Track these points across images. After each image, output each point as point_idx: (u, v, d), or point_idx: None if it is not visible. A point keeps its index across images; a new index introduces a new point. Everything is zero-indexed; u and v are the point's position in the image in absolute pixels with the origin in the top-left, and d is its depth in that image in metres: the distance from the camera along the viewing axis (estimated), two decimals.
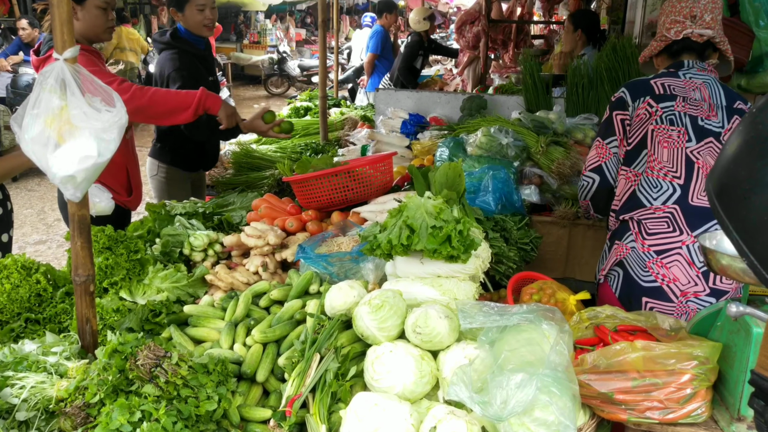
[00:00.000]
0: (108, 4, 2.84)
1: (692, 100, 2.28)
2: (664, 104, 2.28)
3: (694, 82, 2.30)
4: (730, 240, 0.81)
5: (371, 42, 8.04)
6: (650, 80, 2.34)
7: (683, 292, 2.18)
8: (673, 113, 2.27)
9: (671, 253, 2.20)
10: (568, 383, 1.44)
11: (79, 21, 2.79)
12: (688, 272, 2.18)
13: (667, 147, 2.24)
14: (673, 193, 2.22)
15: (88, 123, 1.40)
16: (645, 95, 2.31)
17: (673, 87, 2.31)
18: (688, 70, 2.32)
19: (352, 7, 24.54)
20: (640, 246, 2.25)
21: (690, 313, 2.19)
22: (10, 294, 1.96)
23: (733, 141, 0.87)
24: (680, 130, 2.24)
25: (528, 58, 4.32)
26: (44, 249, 6.11)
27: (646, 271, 2.23)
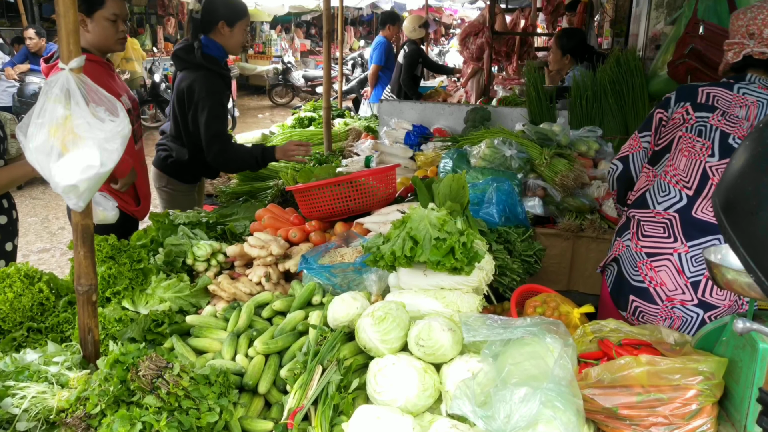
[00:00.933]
0: (117, 16, 2.85)
1: (732, 116, 2.22)
2: (700, 114, 2.25)
3: (746, 99, 2.22)
4: (737, 255, 0.81)
5: (375, 53, 8.08)
6: (699, 87, 2.30)
7: (669, 298, 2.22)
8: (704, 125, 2.24)
9: (661, 257, 2.24)
10: (572, 398, 1.43)
11: (90, 33, 2.82)
12: (676, 279, 2.21)
13: (687, 156, 2.24)
14: (678, 201, 2.23)
15: (91, 133, 1.40)
16: (687, 101, 2.30)
17: (717, 98, 2.26)
18: (747, 85, 2.24)
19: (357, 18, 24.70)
20: (633, 245, 2.31)
21: (675, 319, 2.22)
22: (12, 303, 1.96)
23: (740, 155, 0.86)
24: (705, 143, 2.22)
25: (531, 70, 4.33)
26: (48, 257, 6.12)
27: (636, 270, 2.28)
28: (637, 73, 3.94)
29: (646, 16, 5.10)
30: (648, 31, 5.05)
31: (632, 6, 6.07)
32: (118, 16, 2.86)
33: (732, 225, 0.83)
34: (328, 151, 4.68)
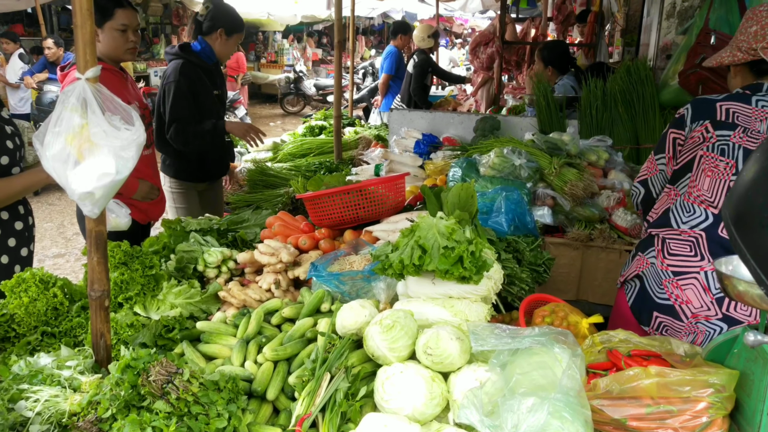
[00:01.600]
0: (127, 27, 2.90)
1: (754, 132, 2.17)
2: (721, 132, 2.19)
3: (765, 112, 2.17)
4: (748, 268, 0.81)
5: (385, 62, 8.12)
6: (717, 102, 2.24)
7: (694, 314, 2.20)
8: (727, 143, 2.19)
9: (688, 276, 2.21)
10: (581, 408, 1.42)
11: (100, 43, 2.87)
12: (702, 297, 2.20)
13: (710, 176, 2.20)
14: (704, 220, 2.21)
15: (107, 141, 1.43)
16: (705, 118, 2.24)
17: (737, 115, 2.20)
18: (764, 96, 2.19)
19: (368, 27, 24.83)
20: (659, 263, 2.27)
21: (699, 333, 2.21)
22: (27, 307, 1.99)
23: (750, 168, 0.86)
24: (729, 162, 2.17)
25: (541, 78, 4.33)
26: (63, 262, 6.18)
27: (662, 288, 2.26)
28: (647, 83, 3.93)
29: (657, 26, 5.10)
30: (659, 41, 5.05)
31: (643, 16, 6.07)
32: (127, 27, 2.90)
33: (742, 237, 0.83)
34: (338, 159, 4.70)
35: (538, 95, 4.29)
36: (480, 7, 13.11)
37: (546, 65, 5.05)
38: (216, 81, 3.71)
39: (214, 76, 3.70)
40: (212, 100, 3.63)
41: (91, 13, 1.50)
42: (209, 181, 3.91)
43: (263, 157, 4.96)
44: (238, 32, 3.68)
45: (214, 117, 3.65)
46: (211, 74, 3.67)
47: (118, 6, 2.87)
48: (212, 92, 3.64)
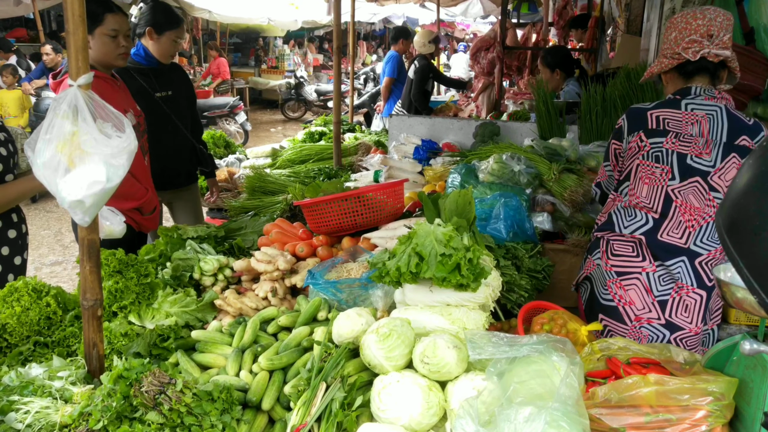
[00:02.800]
0: (117, 32, 2.87)
1: (686, 135, 2.23)
2: (654, 140, 2.27)
3: (695, 115, 2.23)
4: (741, 277, 0.79)
5: (387, 67, 8.13)
6: (648, 111, 2.30)
7: (637, 317, 2.28)
8: (660, 150, 2.26)
9: (630, 276, 2.30)
10: (578, 417, 1.40)
11: (92, 49, 2.84)
12: (645, 298, 2.28)
13: (648, 183, 2.29)
14: (645, 224, 2.29)
15: (98, 149, 1.42)
16: (639, 129, 2.31)
17: (668, 121, 2.26)
18: (693, 99, 2.25)
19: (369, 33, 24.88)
20: (604, 264, 2.38)
21: (642, 339, 2.27)
22: (20, 317, 1.97)
23: (743, 174, 0.85)
24: (664, 168, 2.25)
25: (541, 84, 4.32)
26: (60, 270, 6.17)
27: (606, 289, 2.36)
28: (647, 88, 3.91)
29: (656, 30, 5.09)
30: (659, 46, 5.04)
31: (643, 21, 6.06)
32: (118, 32, 2.88)
33: (735, 245, 0.82)
34: (338, 165, 4.69)
35: (537, 101, 4.28)
36: (481, 12, 13.11)
37: (552, 70, 5.04)
38: (163, 82, 3.64)
39: (160, 79, 3.64)
40: (154, 103, 3.56)
41: (83, 20, 1.49)
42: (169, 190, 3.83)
43: (262, 164, 4.95)
44: (171, 29, 3.52)
45: (160, 119, 3.60)
46: (156, 76, 3.61)
47: (108, 11, 2.84)
48: (153, 95, 3.57)
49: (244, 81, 17.01)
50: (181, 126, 3.74)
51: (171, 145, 3.70)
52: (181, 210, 3.96)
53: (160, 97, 3.61)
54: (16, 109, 8.55)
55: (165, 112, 3.63)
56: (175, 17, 3.56)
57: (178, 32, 3.60)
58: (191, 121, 3.94)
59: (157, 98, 3.59)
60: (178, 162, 3.81)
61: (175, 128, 3.70)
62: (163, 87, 3.64)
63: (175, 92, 3.71)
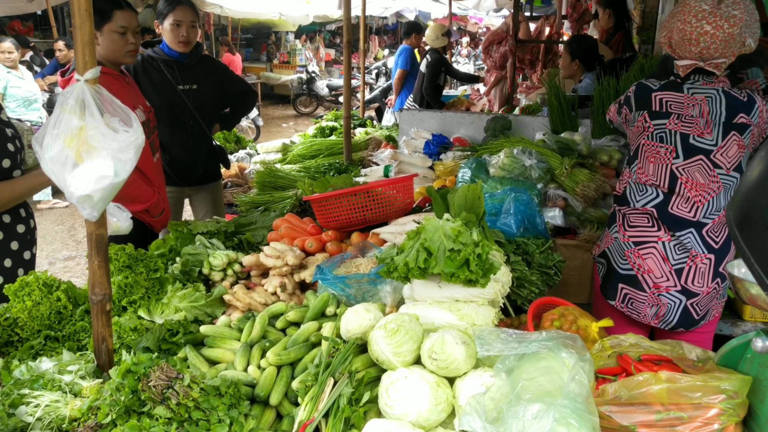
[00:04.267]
0: (126, 29, 2.85)
1: (687, 117, 2.35)
2: (657, 122, 2.40)
3: (696, 98, 2.35)
4: (751, 272, 0.77)
5: (400, 59, 8.10)
6: (653, 92, 2.43)
7: (656, 285, 2.40)
8: (663, 131, 2.38)
9: (647, 245, 2.41)
10: (588, 415, 1.39)
11: (100, 46, 2.84)
12: (662, 266, 2.39)
13: (653, 162, 2.40)
14: (655, 197, 2.40)
15: (105, 143, 1.42)
16: (644, 109, 2.45)
17: (671, 104, 2.38)
18: (692, 84, 2.38)
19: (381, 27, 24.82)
20: (621, 236, 2.48)
21: (661, 306, 2.41)
22: (31, 311, 1.98)
23: (754, 168, 0.83)
24: (668, 148, 2.37)
25: (553, 78, 4.28)
26: (73, 265, 6.22)
27: (624, 259, 2.46)
28: None
29: None
30: None
31: (659, 13, 5.98)
32: (127, 29, 2.85)
33: (746, 240, 0.80)
34: (348, 160, 4.68)
35: (549, 94, 4.24)
36: (494, 5, 13.03)
37: (573, 58, 4.97)
38: (188, 76, 3.64)
39: (186, 72, 3.64)
40: (176, 95, 3.58)
41: (90, 14, 1.49)
42: (192, 186, 3.86)
43: (272, 159, 4.96)
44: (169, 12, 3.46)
45: (181, 112, 3.61)
46: (181, 69, 3.61)
47: (117, 8, 2.83)
48: (175, 87, 3.57)
49: (255, 76, 17.03)
50: (202, 122, 3.72)
51: (190, 139, 3.70)
52: (200, 208, 3.97)
53: (183, 90, 3.61)
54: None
55: (187, 106, 3.63)
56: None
57: (176, 14, 3.52)
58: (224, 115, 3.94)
59: (179, 91, 3.59)
60: (197, 157, 3.81)
61: (195, 123, 3.70)
62: (187, 80, 3.63)
63: (202, 87, 3.70)
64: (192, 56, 3.65)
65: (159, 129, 3.45)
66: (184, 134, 3.66)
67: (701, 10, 2.23)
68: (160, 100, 3.49)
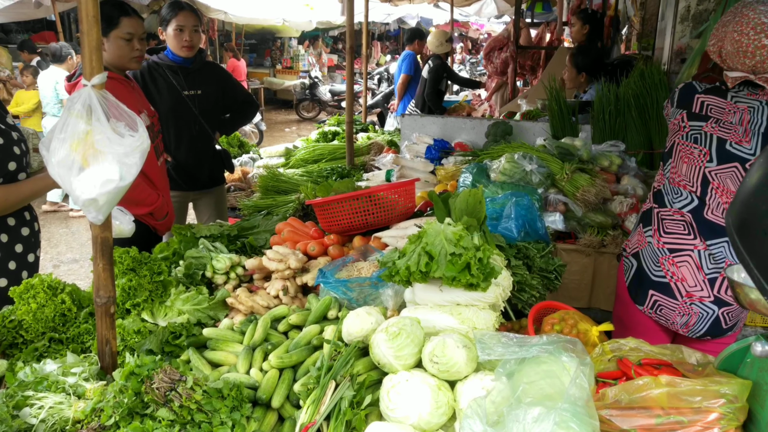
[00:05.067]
0: (132, 35, 2.89)
1: (726, 123, 2.31)
2: (694, 123, 2.36)
3: (738, 106, 2.31)
4: (750, 277, 0.78)
5: (404, 64, 8.14)
6: (697, 94, 2.39)
7: (689, 294, 2.33)
8: (699, 132, 2.34)
9: (683, 253, 2.34)
10: (588, 418, 1.39)
11: (106, 51, 2.87)
12: (696, 275, 2.32)
13: (687, 162, 2.36)
14: (690, 202, 2.35)
15: (111, 148, 1.44)
16: (683, 108, 2.41)
17: (711, 107, 2.34)
18: (737, 93, 2.33)
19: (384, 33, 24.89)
20: (656, 242, 2.41)
21: (692, 315, 2.33)
22: (35, 313, 2.00)
23: (753, 174, 0.84)
24: (702, 150, 2.32)
25: (554, 84, 4.30)
26: (77, 268, 6.24)
27: (658, 266, 2.38)
28: (661, 87, 3.88)
29: (671, 29, 5.04)
30: (673, 45, 4.99)
31: (659, 19, 6.00)
32: (133, 35, 2.89)
33: (745, 245, 0.81)
34: (350, 165, 4.70)
35: (550, 100, 4.26)
36: (495, 11, 13.06)
37: (579, 71, 4.93)
38: (193, 81, 3.68)
39: (190, 77, 3.67)
40: (182, 101, 3.61)
41: (97, 20, 1.51)
42: (196, 191, 3.89)
43: (275, 163, 4.98)
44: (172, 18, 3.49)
45: (187, 118, 3.64)
46: (186, 75, 3.65)
47: (124, 14, 2.87)
48: (181, 93, 3.61)
49: (259, 81, 17.09)
50: (207, 127, 3.76)
51: (195, 144, 3.74)
52: (204, 212, 4.00)
53: (188, 96, 3.64)
54: (32, 109, 8.69)
55: (192, 111, 3.66)
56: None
57: (179, 19, 3.55)
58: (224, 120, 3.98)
59: (184, 96, 3.62)
60: (202, 161, 3.85)
61: (200, 128, 3.73)
62: (192, 86, 3.67)
63: (206, 92, 3.73)
64: (196, 62, 3.69)
65: (164, 134, 3.48)
66: (189, 139, 3.69)
67: (761, 23, 2.14)
68: (165, 106, 3.53)
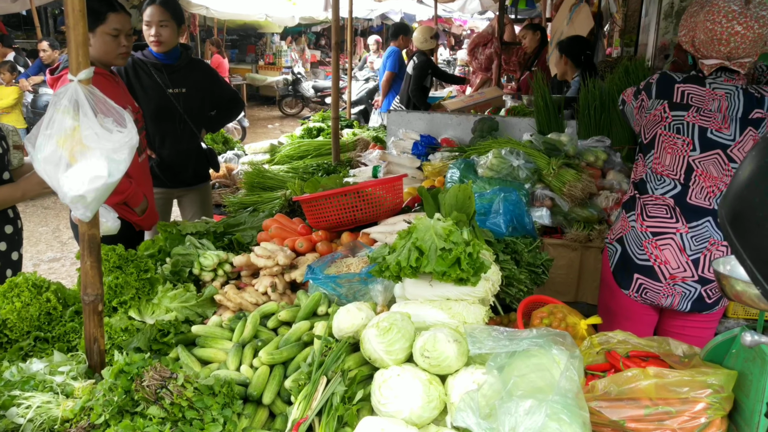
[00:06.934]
0: (119, 31, 2.85)
1: (706, 111, 2.36)
2: (676, 113, 2.40)
3: (716, 93, 2.37)
4: (744, 268, 0.80)
5: (388, 61, 8.13)
6: (676, 83, 2.43)
7: (672, 275, 2.40)
8: (681, 122, 2.38)
9: (665, 236, 2.41)
10: (578, 410, 1.41)
11: (92, 47, 2.83)
12: (679, 258, 2.39)
13: (670, 153, 2.41)
14: (674, 188, 2.41)
15: (99, 144, 1.42)
16: (664, 98, 2.44)
17: (692, 96, 2.39)
18: (715, 79, 2.38)
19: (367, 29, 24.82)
20: (639, 226, 2.46)
21: (676, 295, 2.41)
22: (20, 312, 1.97)
23: (746, 166, 0.85)
24: (686, 140, 2.37)
25: (539, 80, 4.32)
26: (58, 266, 6.16)
27: (642, 249, 2.44)
28: None
29: (655, 26, 5.09)
30: (657, 41, 5.04)
31: (642, 16, 6.06)
32: (120, 31, 2.86)
33: (738, 236, 0.82)
34: (336, 161, 4.69)
35: (536, 96, 4.28)
36: (479, 8, 13.10)
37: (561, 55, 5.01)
38: (178, 79, 3.63)
39: (175, 75, 3.62)
40: (166, 99, 3.57)
41: (83, 14, 1.49)
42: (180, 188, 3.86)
43: (260, 159, 4.95)
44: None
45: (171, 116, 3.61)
46: (170, 72, 3.61)
47: (111, 10, 2.83)
48: (165, 91, 3.56)
49: (241, 77, 16.96)
50: (192, 124, 3.73)
51: (179, 141, 3.70)
52: (189, 209, 3.96)
53: (173, 94, 3.61)
54: (11, 106, 8.54)
55: (177, 110, 3.63)
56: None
57: (146, 14, 3.47)
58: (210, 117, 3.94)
59: (169, 94, 3.59)
60: (186, 159, 3.81)
61: (185, 126, 3.70)
62: (176, 84, 3.63)
63: (191, 90, 3.70)
64: (181, 59, 3.65)
65: (149, 131, 3.45)
66: (173, 137, 3.65)
67: (731, 10, 2.21)
68: (150, 103, 3.49)
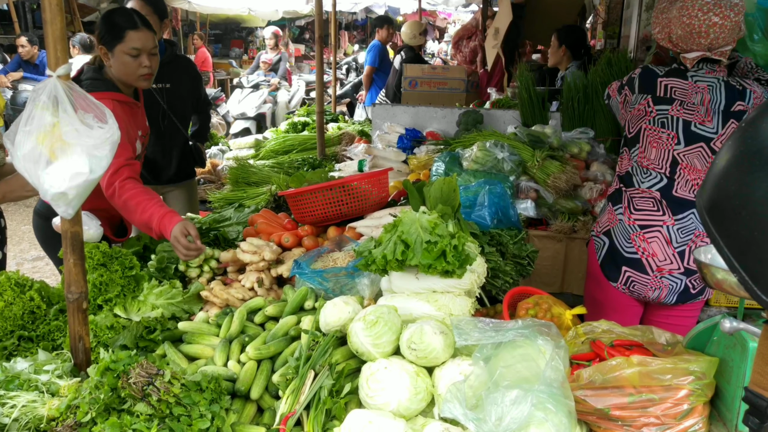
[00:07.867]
0: (140, 51, 2.58)
1: (690, 104, 2.38)
2: (660, 107, 2.42)
3: (698, 86, 2.39)
4: (721, 256, 0.81)
5: (369, 55, 8.11)
6: (659, 77, 2.45)
7: (659, 268, 2.43)
8: (666, 116, 2.41)
9: (653, 229, 2.44)
10: (564, 399, 1.43)
11: (111, 66, 2.64)
12: (666, 250, 2.42)
13: (656, 147, 2.43)
14: (659, 181, 2.43)
15: (80, 140, 1.40)
16: (648, 93, 2.46)
17: (675, 90, 2.41)
18: (696, 72, 2.40)
19: (351, 22, 24.73)
20: (626, 219, 2.48)
21: (663, 288, 2.45)
22: (3, 311, 1.94)
23: (723, 155, 0.86)
24: (670, 134, 2.40)
25: (524, 72, 4.34)
26: (42, 265, 6.09)
27: (630, 242, 2.47)
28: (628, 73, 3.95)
29: (636, 18, 5.13)
30: (639, 33, 5.08)
31: (623, 8, 6.10)
32: (140, 51, 2.59)
33: (715, 225, 0.83)
34: (322, 155, 4.68)
35: (521, 88, 4.30)
36: (463, 0, 13.10)
37: (560, 44, 5.00)
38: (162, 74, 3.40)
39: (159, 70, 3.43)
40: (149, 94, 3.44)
41: (61, 9, 1.47)
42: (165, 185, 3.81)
43: (245, 155, 4.93)
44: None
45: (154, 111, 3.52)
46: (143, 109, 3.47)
47: (131, 27, 2.57)
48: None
49: (225, 72, 16.81)
50: (176, 120, 3.68)
51: (163, 138, 3.64)
52: (174, 206, 3.91)
53: (156, 89, 3.54)
54: None
55: (160, 105, 3.58)
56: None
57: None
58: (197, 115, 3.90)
59: (153, 89, 3.51)
60: (170, 156, 3.76)
61: (169, 122, 3.65)
62: (160, 79, 3.52)
63: (175, 86, 3.63)
64: (166, 55, 3.59)
65: None
66: (157, 133, 3.60)
67: (705, 2, 2.23)
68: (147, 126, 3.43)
